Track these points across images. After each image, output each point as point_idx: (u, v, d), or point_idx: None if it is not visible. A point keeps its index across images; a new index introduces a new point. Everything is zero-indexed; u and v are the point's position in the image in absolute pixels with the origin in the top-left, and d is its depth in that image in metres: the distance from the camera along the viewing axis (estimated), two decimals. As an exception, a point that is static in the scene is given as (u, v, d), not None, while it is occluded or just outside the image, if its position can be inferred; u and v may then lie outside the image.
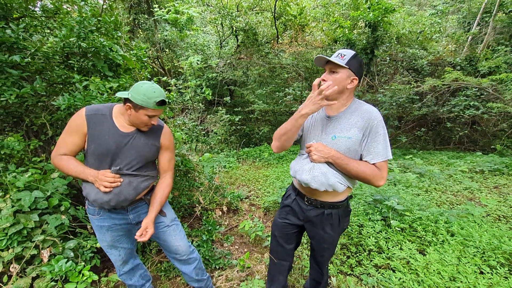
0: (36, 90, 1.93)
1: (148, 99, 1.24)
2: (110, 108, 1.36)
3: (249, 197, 3.95)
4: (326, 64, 1.27)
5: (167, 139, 1.50)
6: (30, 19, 2.35)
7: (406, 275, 2.01)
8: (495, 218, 3.01)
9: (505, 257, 2.15)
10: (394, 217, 2.75)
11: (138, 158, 1.37)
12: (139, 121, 1.32)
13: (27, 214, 1.72)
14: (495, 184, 4.24)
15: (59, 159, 1.31)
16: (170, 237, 1.58)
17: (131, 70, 2.61)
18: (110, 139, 1.30)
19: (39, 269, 1.70)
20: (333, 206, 1.38)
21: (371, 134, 1.22)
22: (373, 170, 1.22)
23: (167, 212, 1.58)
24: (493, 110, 6.08)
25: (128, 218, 1.47)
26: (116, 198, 1.31)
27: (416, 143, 8.16)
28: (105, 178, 1.26)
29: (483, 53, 7.73)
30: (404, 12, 9.10)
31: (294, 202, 1.50)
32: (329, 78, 1.24)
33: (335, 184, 1.25)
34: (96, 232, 1.49)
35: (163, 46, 8.81)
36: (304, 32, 9.37)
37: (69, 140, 1.31)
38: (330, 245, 1.49)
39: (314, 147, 1.25)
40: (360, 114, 1.25)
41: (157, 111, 1.30)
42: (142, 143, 1.38)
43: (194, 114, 7.36)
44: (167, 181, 1.54)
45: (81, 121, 1.29)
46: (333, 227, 1.42)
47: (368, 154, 1.23)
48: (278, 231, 1.60)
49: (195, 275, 1.75)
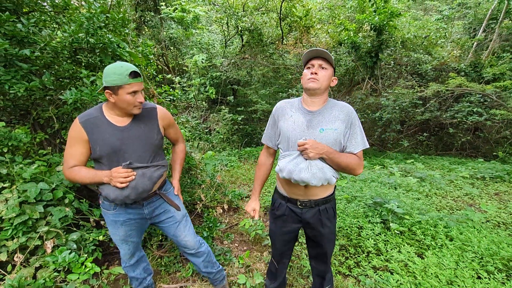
0: (44, 84, 1.96)
1: (119, 75, 1.23)
2: (99, 108, 1.37)
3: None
4: (315, 59, 1.30)
5: (164, 118, 1.51)
6: (40, 13, 2.38)
7: (404, 278, 2.02)
8: (494, 224, 3.02)
9: (503, 263, 2.16)
10: (394, 220, 2.76)
11: (145, 147, 1.39)
12: (125, 104, 1.29)
13: (33, 205, 1.75)
14: (496, 191, 4.24)
15: (70, 171, 1.34)
16: (179, 232, 1.63)
17: (137, 67, 2.64)
18: (111, 137, 1.32)
19: (42, 260, 1.73)
20: (326, 201, 1.42)
21: (352, 127, 1.33)
22: (356, 160, 1.32)
23: (180, 206, 1.62)
24: (496, 117, 6.07)
25: (143, 212, 1.50)
26: (134, 191, 1.34)
27: (418, 147, 8.14)
28: (118, 175, 1.28)
29: (488, 60, 7.71)
30: (409, 16, 9.10)
31: (287, 210, 1.47)
32: (320, 72, 1.29)
33: (331, 178, 1.29)
34: (110, 227, 1.52)
35: (168, 44, 8.85)
36: (309, 33, 9.38)
37: (74, 151, 1.33)
38: (331, 238, 1.52)
39: (309, 144, 1.23)
40: (339, 109, 1.34)
41: (135, 85, 1.28)
42: (142, 130, 1.39)
43: (197, 112, 7.39)
44: (180, 147, 1.73)
45: (78, 130, 1.31)
46: (330, 219, 1.47)
47: (350, 145, 1.33)
48: (279, 240, 1.61)
49: (203, 268, 1.80)
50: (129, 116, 1.39)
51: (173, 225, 1.59)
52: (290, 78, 8.87)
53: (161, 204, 1.55)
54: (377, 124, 7.60)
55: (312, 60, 1.31)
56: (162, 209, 1.56)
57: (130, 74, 1.25)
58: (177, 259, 2.28)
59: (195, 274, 2.15)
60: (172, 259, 2.27)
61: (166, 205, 1.58)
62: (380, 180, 4.44)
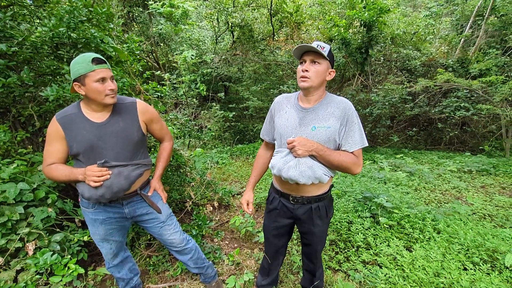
0: (23, 80, 1.89)
1: (82, 63, 1.21)
2: (77, 105, 1.34)
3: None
4: (306, 54, 1.25)
5: (145, 113, 1.45)
6: (19, 7, 2.29)
7: (392, 271, 2.05)
8: (480, 216, 3.08)
9: (488, 254, 2.21)
10: (383, 214, 2.79)
11: (122, 144, 1.34)
12: (96, 93, 1.25)
13: (12, 206, 1.69)
14: (482, 183, 4.34)
15: (48, 169, 1.32)
16: (165, 231, 1.60)
17: (123, 63, 2.57)
18: (88, 133, 1.29)
19: (23, 262, 1.68)
20: (319, 199, 1.40)
21: (348, 124, 1.27)
22: (352, 158, 1.27)
23: (162, 208, 1.57)
24: (483, 111, 6.20)
25: (123, 212, 1.46)
26: (109, 191, 1.29)
27: (408, 142, 8.27)
28: (92, 173, 1.24)
29: (474, 56, 7.86)
30: (399, 12, 9.17)
31: (280, 204, 1.47)
32: (311, 69, 1.24)
33: (322, 176, 1.26)
34: (89, 225, 1.48)
35: (157, 40, 8.70)
36: (300, 29, 9.36)
37: (52, 149, 1.32)
38: (321, 237, 1.51)
39: (297, 141, 1.21)
40: (336, 105, 1.29)
41: (100, 72, 1.24)
42: (121, 126, 1.35)
43: (188, 109, 7.31)
44: (164, 144, 1.66)
45: (55, 127, 1.29)
46: (322, 219, 1.45)
47: (346, 143, 1.27)
48: (271, 234, 1.61)
49: (193, 264, 1.78)
50: (107, 111, 1.35)
51: (157, 225, 1.56)
52: (281, 74, 8.85)
53: (143, 204, 1.51)
54: (368, 119, 7.67)
55: (304, 55, 1.26)
56: (144, 210, 1.51)
57: (92, 60, 1.22)
58: (166, 258, 2.25)
59: (184, 272, 2.12)
60: (161, 258, 2.24)
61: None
62: (370, 175, 4.48)
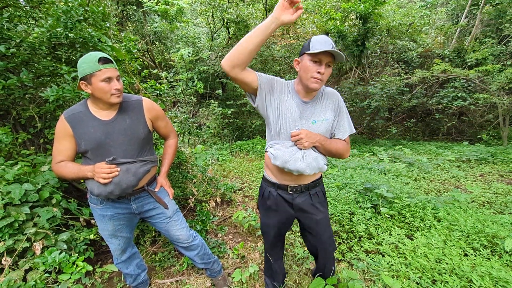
0: (22, 81, 1.89)
1: (89, 62, 1.23)
2: (84, 103, 1.36)
3: (243, 189, 3.98)
4: (325, 55, 1.17)
5: (151, 110, 1.47)
6: (14, 8, 2.27)
7: (395, 259, 2.08)
8: (479, 204, 3.13)
9: (487, 239, 2.25)
10: (384, 205, 2.83)
11: (130, 141, 1.37)
12: (102, 92, 1.26)
13: (18, 207, 1.70)
14: (481, 172, 4.39)
15: (57, 166, 1.34)
16: (171, 227, 1.62)
17: (120, 62, 2.56)
18: (96, 131, 1.31)
19: (31, 262, 1.70)
20: (315, 184, 1.45)
21: (340, 114, 1.36)
22: (344, 145, 1.37)
23: (169, 204, 1.60)
24: (480, 101, 6.23)
25: (131, 207, 1.49)
26: (118, 187, 1.32)
27: (406, 134, 8.31)
28: (101, 170, 1.27)
29: (470, 45, 7.87)
30: (394, 4, 9.15)
31: (278, 198, 1.44)
32: (325, 72, 1.21)
33: (323, 167, 1.32)
34: (98, 222, 1.50)
35: (153, 39, 8.65)
36: (296, 24, 9.33)
37: (61, 147, 1.33)
38: (326, 223, 1.50)
39: (303, 134, 1.23)
40: (329, 97, 1.35)
41: (107, 71, 1.25)
42: (127, 124, 1.37)
43: (186, 107, 7.30)
44: (170, 141, 1.69)
45: (63, 125, 1.30)
46: (322, 204, 1.48)
47: (339, 132, 1.37)
48: (272, 232, 1.56)
49: (199, 260, 1.80)
50: (114, 109, 1.36)
51: (164, 220, 1.58)
52: (278, 69, 8.84)
53: (151, 200, 1.53)
54: (366, 112, 7.70)
55: (321, 55, 1.17)
56: (151, 205, 1.54)
57: (99, 60, 1.23)
58: (171, 254, 2.28)
59: (190, 267, 2.15)
60: (166, 254, 2.26)
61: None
62: (370, 167, 4.52)
